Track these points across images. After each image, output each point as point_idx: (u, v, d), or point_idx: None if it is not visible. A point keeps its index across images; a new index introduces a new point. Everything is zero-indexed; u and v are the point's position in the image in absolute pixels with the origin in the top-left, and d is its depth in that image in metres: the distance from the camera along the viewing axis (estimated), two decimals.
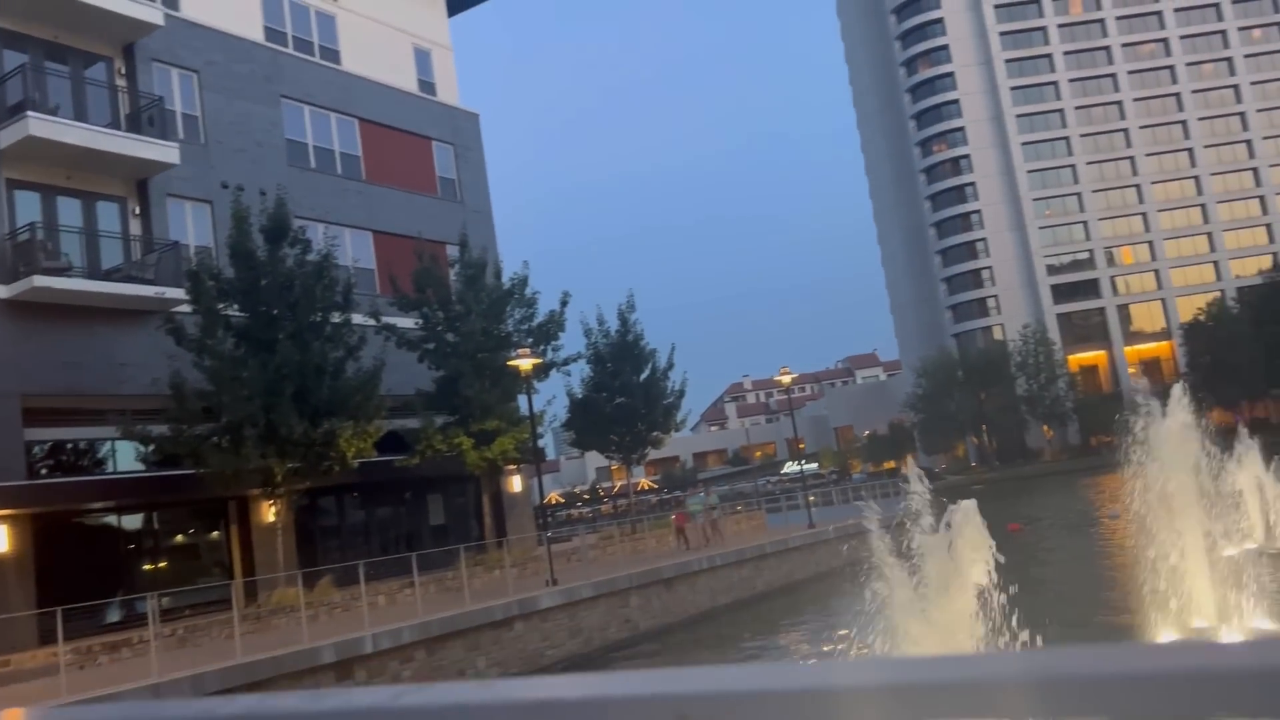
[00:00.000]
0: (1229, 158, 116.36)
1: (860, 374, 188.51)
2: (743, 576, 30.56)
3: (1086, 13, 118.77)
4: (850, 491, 49.74)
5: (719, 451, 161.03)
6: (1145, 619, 16.11)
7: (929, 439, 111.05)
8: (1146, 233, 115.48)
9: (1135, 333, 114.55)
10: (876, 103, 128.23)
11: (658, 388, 39.19)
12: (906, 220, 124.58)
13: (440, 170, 35.36)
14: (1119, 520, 37.09)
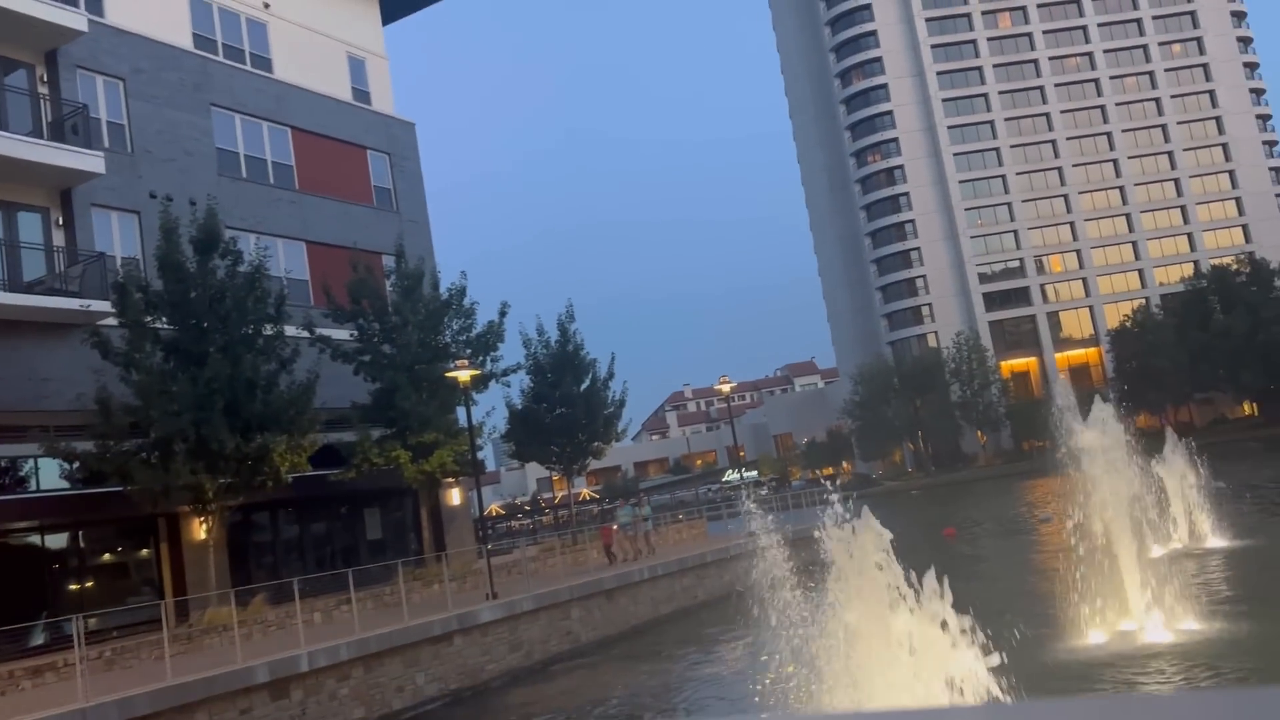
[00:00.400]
0: (1151, 169, 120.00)
1: (799, 382, 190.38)
2: (684, 586, 30.61)
3: (1015, 26, 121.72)
4: (790, 498, 50.12)
5: (660, 460, 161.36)
6: (1076, 621, 16.48)
7: (866, 445, 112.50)
8: (1074, 242, 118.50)
9: (1065, 339, 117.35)
10: (812, 113, 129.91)
11: (598, 398, 39.18)
12: (842, 229, 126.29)
13: (375, 180, 34.97)
14: (1051, 523, 37.97)
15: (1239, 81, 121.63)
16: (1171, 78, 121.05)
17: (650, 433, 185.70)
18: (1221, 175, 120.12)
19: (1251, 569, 21.97)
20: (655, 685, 20.98)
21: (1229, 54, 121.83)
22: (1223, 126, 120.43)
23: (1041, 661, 15.44)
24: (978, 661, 10.47)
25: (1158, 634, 15.62)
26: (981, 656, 10.53)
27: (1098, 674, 14.28)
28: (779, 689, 13.21)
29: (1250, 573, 21.52)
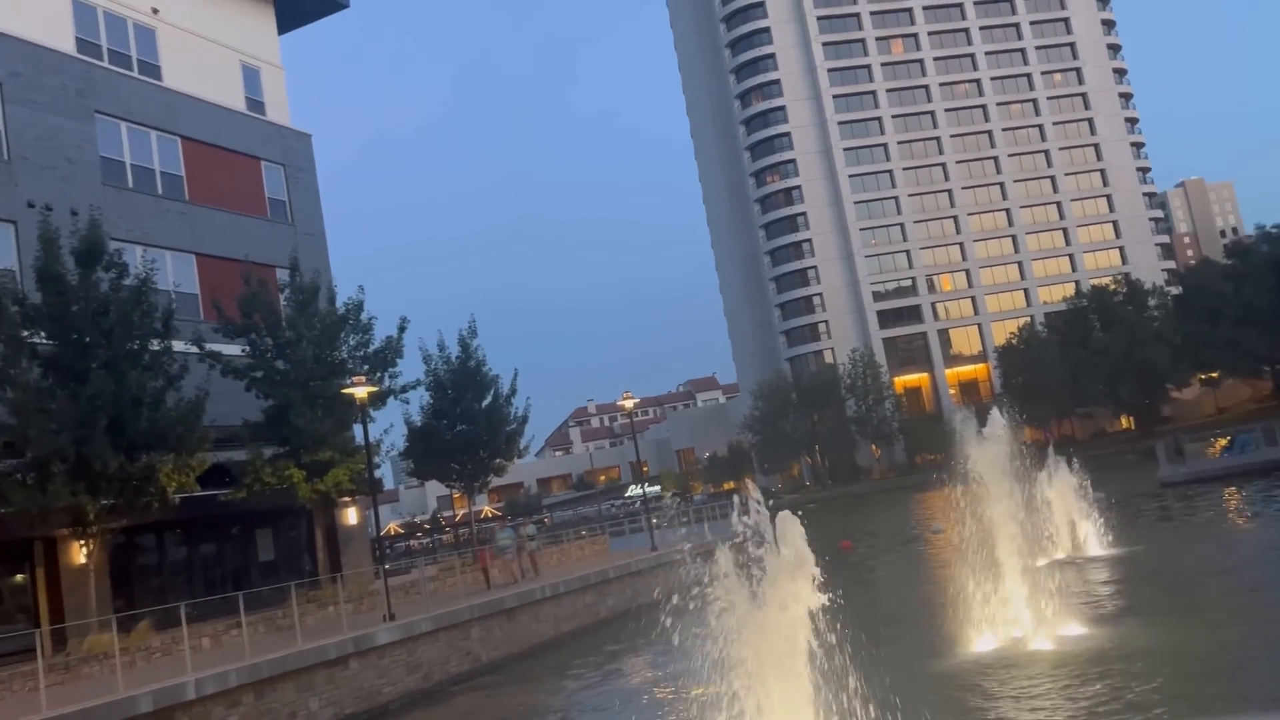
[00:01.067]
0: (1036, 192, 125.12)
1: (701, 397, 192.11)
2: (586, 603, 30.51)
3: (907, 53, 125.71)
4: (692, 513, 50.47)
5: (564, 476, 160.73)
6: (966, 629, 16.97)
7: (766, 459, 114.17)
8: (964, 261, 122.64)
9: (955, 356, 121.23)
10: (713, 133, 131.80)
11: (500, 414, 38.80)
12: (743, 247, 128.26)
13: (270, 191, 34.11)
14: (942, 535, 39.07)
15: (1115, 111, 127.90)
16: (1053, 105, 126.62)
17: (554, 449, 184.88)
18: (1100, 199, 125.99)
19: (1129, 576, 22.98)
20: (556, 705, 20.85)
21: (1106, 84, 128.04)
22: (1100, 153, 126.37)
23: (931, 669, 15.85)
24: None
25: (1042, 641, 16.19)
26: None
27: (985, 680, 14.72)
28: (683, 706, 13.27)
29: (1128, 580, 22.50)
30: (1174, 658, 14.54)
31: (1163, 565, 24.03)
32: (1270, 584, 19.55)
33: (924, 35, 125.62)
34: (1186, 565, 23.59)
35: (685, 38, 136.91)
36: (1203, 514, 34.20)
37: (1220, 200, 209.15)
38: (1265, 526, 29.25)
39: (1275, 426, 52.05)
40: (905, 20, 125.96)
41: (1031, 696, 13.59)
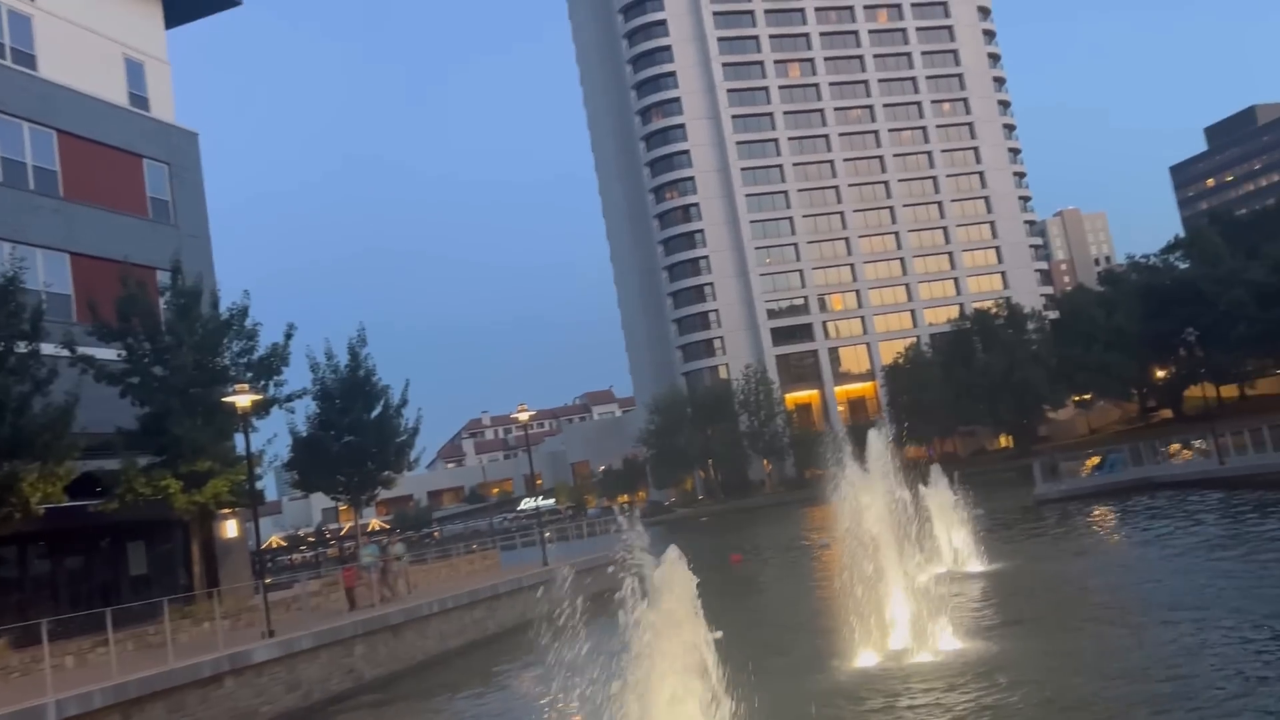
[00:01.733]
0: (924, 217, 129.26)
1: (597, 410, 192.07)
2: (475, 618, 30.07)
3: (804, 77, 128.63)
4: (585, 527, 50.32)
5: (456, 489, 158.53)
6: (849, 642, 17.27)
7: (661, 473, 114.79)
8: (854, 282, 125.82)
9: (844, 374, 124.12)
10: (614, 148, 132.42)
11: (390, 425, 38.08)
12: (641, 263, 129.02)
13: (152, 190, 32.80)
14: (829, 549, 39.82)
15: (999, 140, 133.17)
16: (941, 133, 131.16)
17: (446, 461, 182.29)
18: (983, 226, 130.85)
19: (1004, 591, 23.76)
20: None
21: (990, 115, 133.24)
22: (985, 181, 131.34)
23: (813, 683, 16.08)
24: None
25: (922, 654, 16.58)
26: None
27: (867, 693, 14.99)
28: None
29: (1003, 594, 23.26)
30: (1043, 668, 15.07)
31: (1036, 579, 24.92)
32: (1132, 597, 20.47)
33: (820, 60, 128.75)
34: (1058, 579, 24.52)
35: (588, 53, 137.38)
36: (1075, 530, 35.66)
37: (1095, 230, 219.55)
38: (1130, 542, 30.68)
39: (1141, 447, 54.80)
40: (803, 45, 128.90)
41: (910, 708, 13.90)
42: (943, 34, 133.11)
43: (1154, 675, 13.81)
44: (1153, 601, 19.57)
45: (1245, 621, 16.13)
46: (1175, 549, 26.60)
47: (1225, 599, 18.41)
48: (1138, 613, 18.58)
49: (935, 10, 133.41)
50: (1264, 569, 20.88)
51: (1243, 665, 13.57)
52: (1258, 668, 13.35)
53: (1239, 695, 12.27)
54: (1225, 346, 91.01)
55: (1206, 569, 22.37)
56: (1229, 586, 19.62)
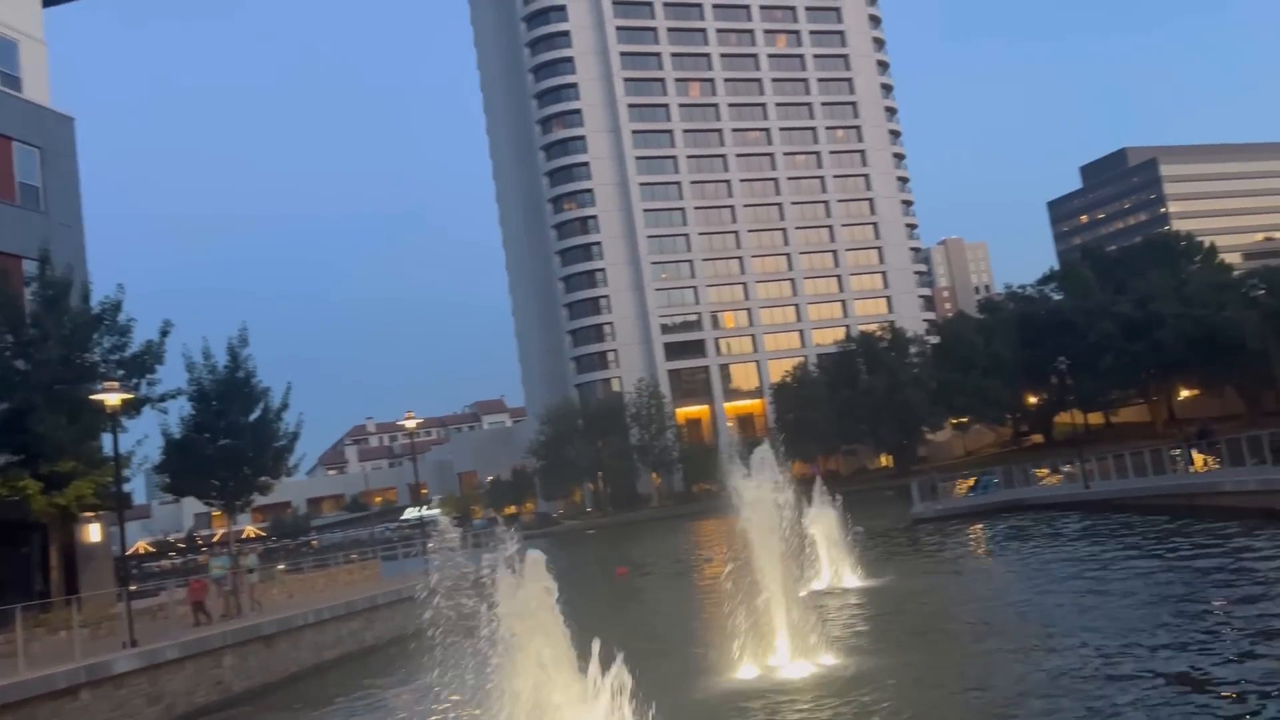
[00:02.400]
0: (815, 240, 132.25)
1: (487, 419, 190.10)
2: (352, 630, 29.32)
3: (704, 96, 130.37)
4: (470, 538, 49.62)
5: (336, 496, 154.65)
6: (728, 656, 17.40)
7: (549, 485, 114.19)
8: (746, 300, 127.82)
9: (734, 390, 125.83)
10: (512, 156, 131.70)
11: (269, 429, 36.89)
12: (537, 272, 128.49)
13: (21, 175, 31.13)
14: (713, 563, 40.18)
15: (889, 169, 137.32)
16: (834, 159, 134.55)
17: (327, 467, 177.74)
18: (871, 251, 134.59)
19: (880, 607, 24.31)
20: None
21: (882, 144, 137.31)
22: (874, 208, 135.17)
23: (692, 696, 16.15)
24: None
25: (799, 669, 16.81)
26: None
27: (744, 707, 15.12)
28: None
29: (879, 610, 23.80)
30: (914, 682, 15.47)
31: (910, 596, 25.58)
32: (999, 615, 21.20)
33: (720, 81, 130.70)
34: (931, 596, 25.23)
35: (489, 59, 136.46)
36: (949, 549, 36.78)
37: (976, 259, 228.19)
38: (1000, 561, 31.82)
39: (1013, 470, 56.97)
40: (704, 65, 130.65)
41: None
42: (839, 62, 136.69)
43: (1012, 692, 14.29)
44: (1018, 619, 20.30)
45: (1105, 639, 16.84)
46: (1041, 568, 27.67)
47: (1084, 618, 19.20)
48: (1005, 630, 19.24)
49: (832, 39, 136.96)
50: (1124, 589, 21.87)
51: (1099, 685, 14.15)
52: (1113, 690, 13.94)
53: (1100, 714, 12.77)
54: (1093, 376, 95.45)
55: (1069, 588, 23.32)
56: (1088, 606, 20.48)
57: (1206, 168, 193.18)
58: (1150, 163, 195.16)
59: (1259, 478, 32.39)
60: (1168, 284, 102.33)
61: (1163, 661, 14.73)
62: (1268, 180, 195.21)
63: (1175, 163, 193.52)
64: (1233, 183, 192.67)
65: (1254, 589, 19.70)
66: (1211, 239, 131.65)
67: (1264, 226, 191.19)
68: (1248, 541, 26.42)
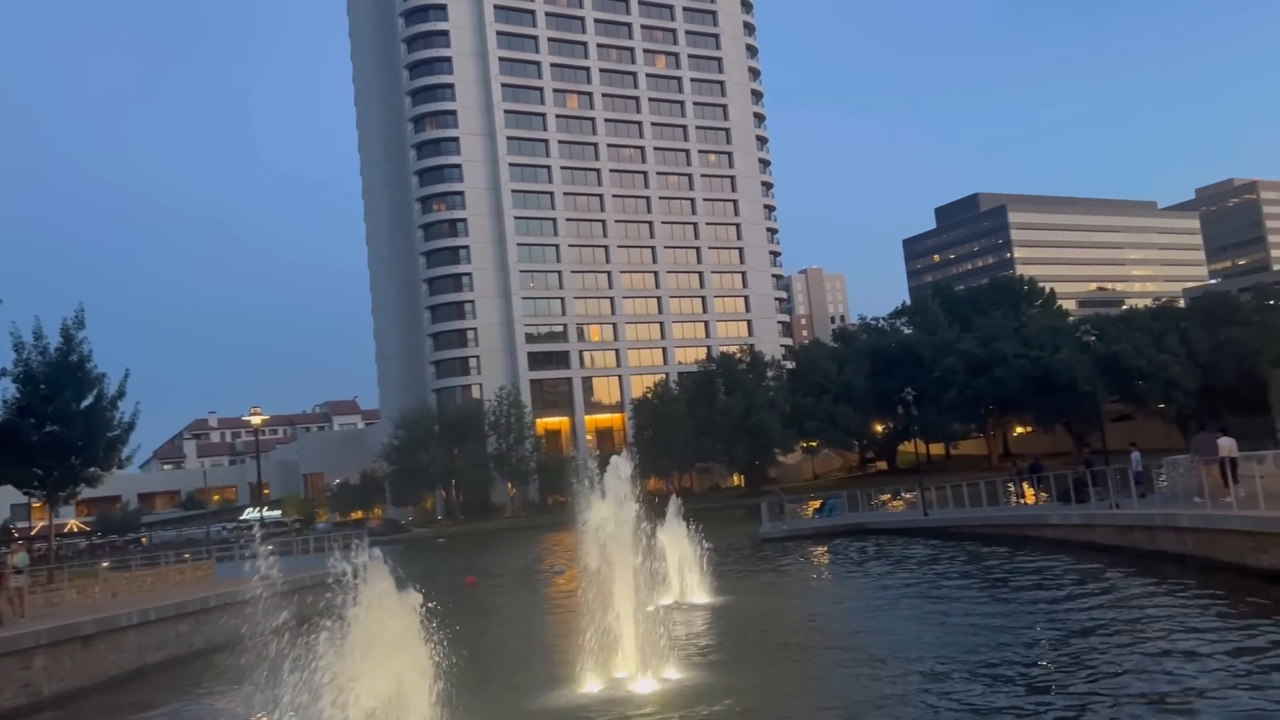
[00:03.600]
0: (682, 260, 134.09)
1: (338, 420, 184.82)
2: (180, 633, 27.89)
3: (582, 109, 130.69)
4: (313, 541, 48.01)
5: (171, 493, 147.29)
6: (576, 669, 17.31)
7: (400, 490, 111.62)
8: (613, 315, 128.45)
9: (595, 403, 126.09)
10: (383, 152, 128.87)
11: (101, 418, 34.89)
12: (401, 272, 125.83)
13: None
14: (564, 575, 40.01)
15: (757, 196, 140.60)
16: (705, 183, 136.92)
17: (163, 461, 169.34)
18: (736, 275, 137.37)
19: (726, 623, 24.67)
20: None
21: (751, 171, 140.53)
22: (741, 233, 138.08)
23: (535, 709, 15.99)
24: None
25: (645, 683, 16.86)
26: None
27: (584, 718, 15.07)
28: None
29: (724, 626, 24.14)
30: (753, 697, 15.74)
31: (754, 613, 26.06)
32: (837, 632, 21.82)
33: (599, 96, 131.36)
34: (774, 613, 25.76)
35: (363, 52, 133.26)
36: (794, 568, 37.69)
37: (834, 289, 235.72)
38: (841, 582, 32.80)
39: (858, 495, 58.98)
40: (582, 78, 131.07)
41: None
42: (714, 88, 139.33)
43: (846, 707, 14.69)
44: (855, 638, 20.93)
45: (941, 659, 17.51)
46: (878, 590, 28.64)
47: (920, 635, 19.94)
48: (842, 647, 19.79)
49: (710, 64, 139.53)
50: (951, 611, 22.82)
51: (928, 698, 14.69)
52: (942, 700, 14.48)
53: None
54: (937, 408, 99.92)
55: (903, 609, 24.20)
56: (919, 627, 21.28)
57: (1050, 217, 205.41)
58: (1000, 209, 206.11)
59: (1081, 513, 34.42)
60: (1009, 325, 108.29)
61: (984, 681, 15.40)
62: (1104, 234, 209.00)
63: (1022, 210, 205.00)
64: (1073, 233, 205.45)
65: (1063, 619, 20.86)
66: (1051, 285, 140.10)
67: (1098, 277, 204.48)
68: (1065, 568, 28.02)
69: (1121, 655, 16.39)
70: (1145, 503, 31.15)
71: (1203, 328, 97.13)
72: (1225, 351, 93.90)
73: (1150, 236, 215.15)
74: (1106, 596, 23.08)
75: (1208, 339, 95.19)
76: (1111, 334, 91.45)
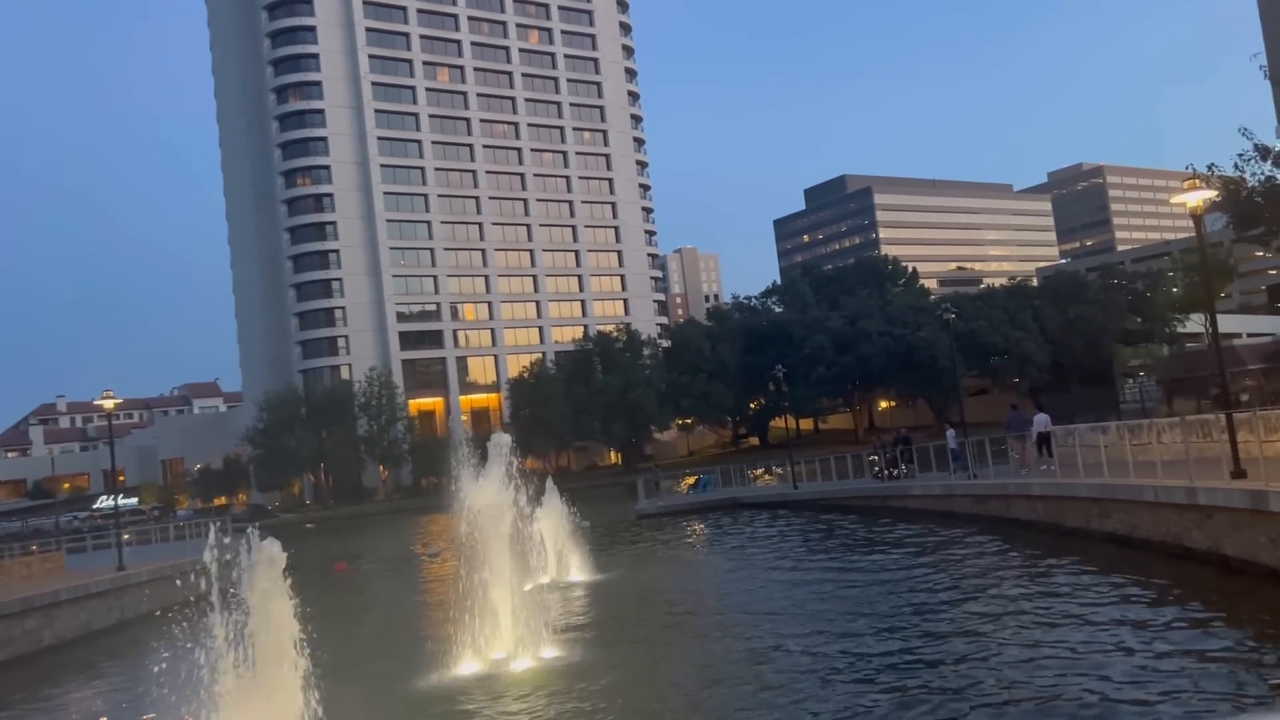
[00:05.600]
0: (558, 238, 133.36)
1: (199, 403, 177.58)
2: (27, 629, 26.34)
3: (453, 83, 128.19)
4: (173, 529, 46.07)
5: (17, 482, 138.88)
6: (453, 651, 17.11)
7: (265, 475, 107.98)
8: (487, 293, 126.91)
9: (470, 383, 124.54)
10: (243, 123, 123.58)
11: None
12: (264, 249, 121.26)
13: None
14: (438, 559, 39.49)
15: (632, 175, 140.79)
16: (580, 160, 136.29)
17: (6, 449, 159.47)
18: (612, 254, 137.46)
19: (603, 600, 24.80)
20: None
21: (626, 150, 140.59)
22: (616, 212, 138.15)
23: (411, 691, 15.75)
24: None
25: (523, 662, 16.80)
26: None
27: (462, 702, 14.91)
28: None
29: (602, 604, 24.27)
30: (629, 672, 15.87)
31: (631, 589, 26.28)
32: (711, 604, 22.20)
33: (470, 70, 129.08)
34: (649, 589, 26.03)
35: (221, 17, 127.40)
36: (670, 543, 38.15)
37: (708, 269, 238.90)
38: (714, 554, 33.40)
39: (731, 470, 60.08)
40: (453, 51, 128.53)
41: (503, 714, 13.99)
42: (589, 65, 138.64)
43: (723, 679, 14.96)
44: (730, 608, 21.33)
45: (812, 626, 17.99)
46: (748, 561, 29.27)
47: (791, 605, 20.46)
48: (716, 619, 20.15)
49: (584, 41, 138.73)
50: (825, 579, 23.50)
51: (814, 665, 15.08)
52: (830, 670, 14.89)
53: (813, 696, 13.58)
54: (806, 384, 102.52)
55: (771, 579, 24.79)
56: (794, 595, 21.85)
57: (913, 199, 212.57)
58: (865, 190, 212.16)
59: (941, 483, 35.89)
60: (874, 303, 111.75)
61: (851, 644, 15.91)
62: (963, 215, 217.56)
63: (887, 193, 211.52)
64: (934, 215, 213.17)
65: (920, 583, 21.74)
66: (914, 265, 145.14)
67: (958, 257, 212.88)
68: (923, 540, 29.19)
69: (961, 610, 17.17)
70: (1001, 473, 32.69)
71: (1054, 306, 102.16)
72: (1074, 328, 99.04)
73: (1006, 218, 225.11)
74: (959, 559, 24.13)
75: (1058, 316, 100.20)
76: (970, 312, 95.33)
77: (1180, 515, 20.07)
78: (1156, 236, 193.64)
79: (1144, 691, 11.90)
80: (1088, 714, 11.32)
